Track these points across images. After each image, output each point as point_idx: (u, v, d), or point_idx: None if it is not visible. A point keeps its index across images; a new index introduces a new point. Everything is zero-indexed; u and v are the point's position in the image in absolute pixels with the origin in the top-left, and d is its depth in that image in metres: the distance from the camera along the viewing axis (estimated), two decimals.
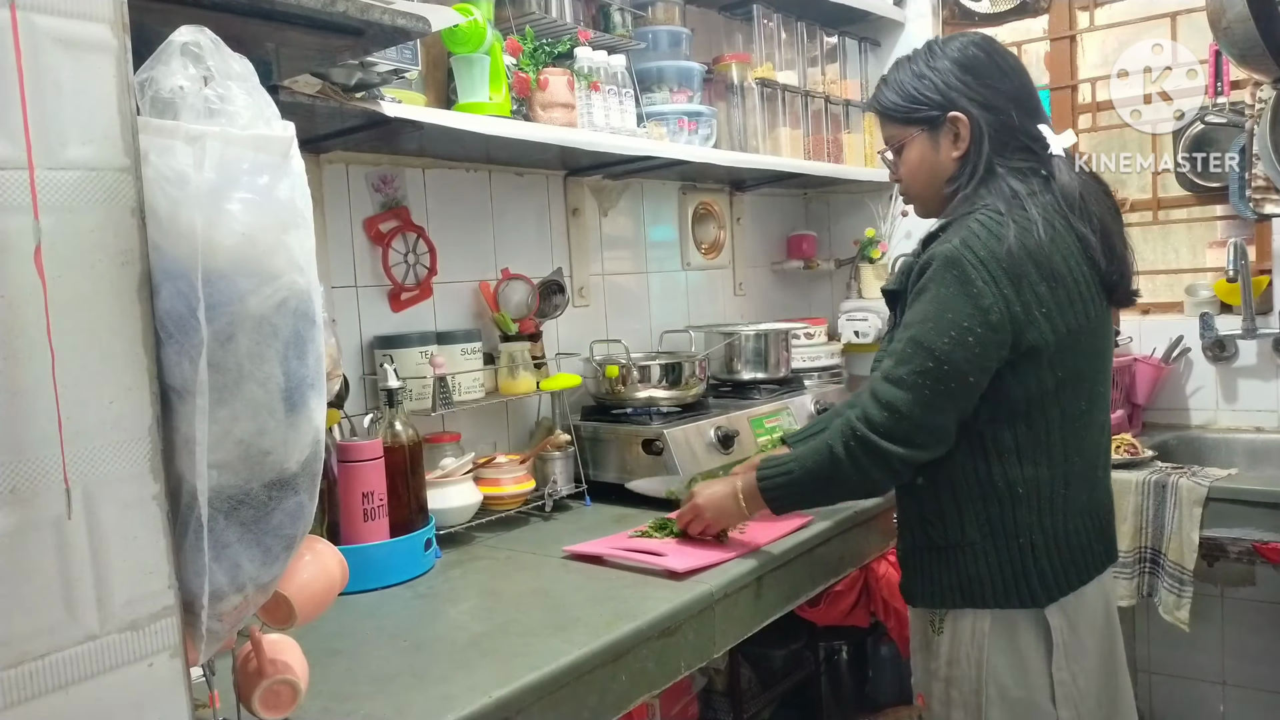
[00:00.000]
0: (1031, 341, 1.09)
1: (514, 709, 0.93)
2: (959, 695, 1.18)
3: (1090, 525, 1.19)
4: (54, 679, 0.58)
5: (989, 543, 1.15)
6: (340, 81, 1.19)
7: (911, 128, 1.21)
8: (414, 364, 1.51)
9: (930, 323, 1.09)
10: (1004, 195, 1.13)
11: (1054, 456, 1.14)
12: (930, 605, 1.21)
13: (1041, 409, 1.12)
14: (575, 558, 1.37)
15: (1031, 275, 1.09)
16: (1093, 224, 1.14)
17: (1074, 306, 1.12)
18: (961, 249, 1.09)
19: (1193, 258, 2.27)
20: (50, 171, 0.57)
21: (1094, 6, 2.27)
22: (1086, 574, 1.17)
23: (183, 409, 0.63)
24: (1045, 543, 1.14)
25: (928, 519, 1.19)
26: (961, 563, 1.16)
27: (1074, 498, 1.16)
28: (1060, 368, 1.12)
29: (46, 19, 0.57)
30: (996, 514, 1.14)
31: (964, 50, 1.18)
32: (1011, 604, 1.14)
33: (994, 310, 1.07)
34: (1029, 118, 1.18)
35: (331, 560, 0.85)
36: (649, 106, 1.81)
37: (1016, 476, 1.13)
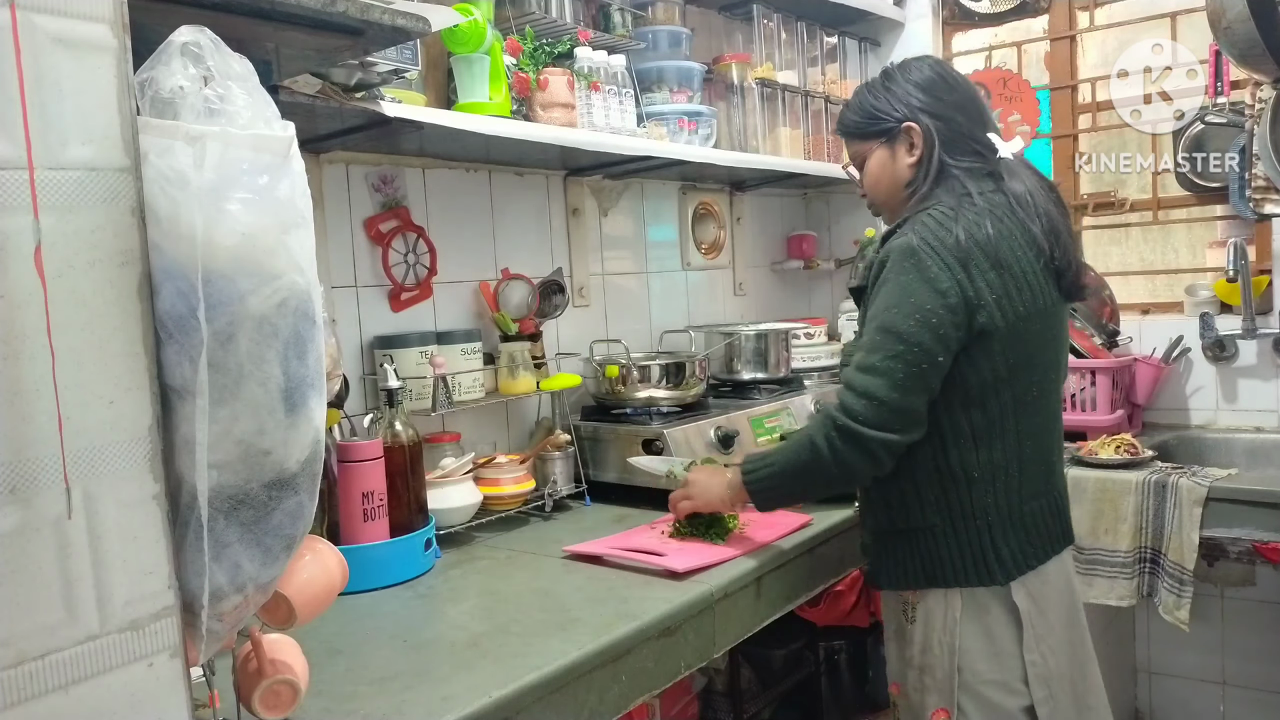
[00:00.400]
0: (982, 324, 1.14)
1: (514, 709, 0.93)
2: (932, 681, 1.22)
3: (1046, 507, 1.24)
4: (54, 679, 0.58)
5: (949, 525, 1.19)
6: (340, 81, 1.19)
7: (871, 141, 1.30)
8: (414, 364, 1.51)
9: (894, 309, 1.15)
10: (955, 193, 1.21)
11: (1007, 441, 1.19)
12: (896, 587, 1.25)
13: (995, 394, 1.17)
14: (575, 557, 1.37)
15: (981, 263, 1.15)
16: (1041, 221, 1.21)
17: (1022, 294, 1.17)
18: (915, 240, 1.16)
19: (1193, 258, 2.27)
20: (50, 171, 0.58)
21: (1094, 6, 2.27)
22: (1045, 553, 1.22)
23: (183, 409, 0.64)
24: (1002, 523, 1.19)
25: (890, 504, 1.24)
26: (924, 545, 1.21)
27: (1028, 481, 1.21)
28: (1011, 353, 1.17)
29: (46, 19, 0.57)
30: (955, 497, 1.19)
31: (919, 70, 1.29)
32: (973, 582, 1.19)
33: (951, 293, 1.13)
34: (977, 125, 1.27)
35: (331, 560, 0.85)
36: (649, 106, 1.81)
37: (971, 460, 1.18)
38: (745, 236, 2.43)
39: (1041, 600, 1.21)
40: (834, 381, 2.21)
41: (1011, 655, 1.19)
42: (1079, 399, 2.01)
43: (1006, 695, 1.19)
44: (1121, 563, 1.65)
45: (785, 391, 2.01)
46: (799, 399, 1.95)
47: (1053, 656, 1.21)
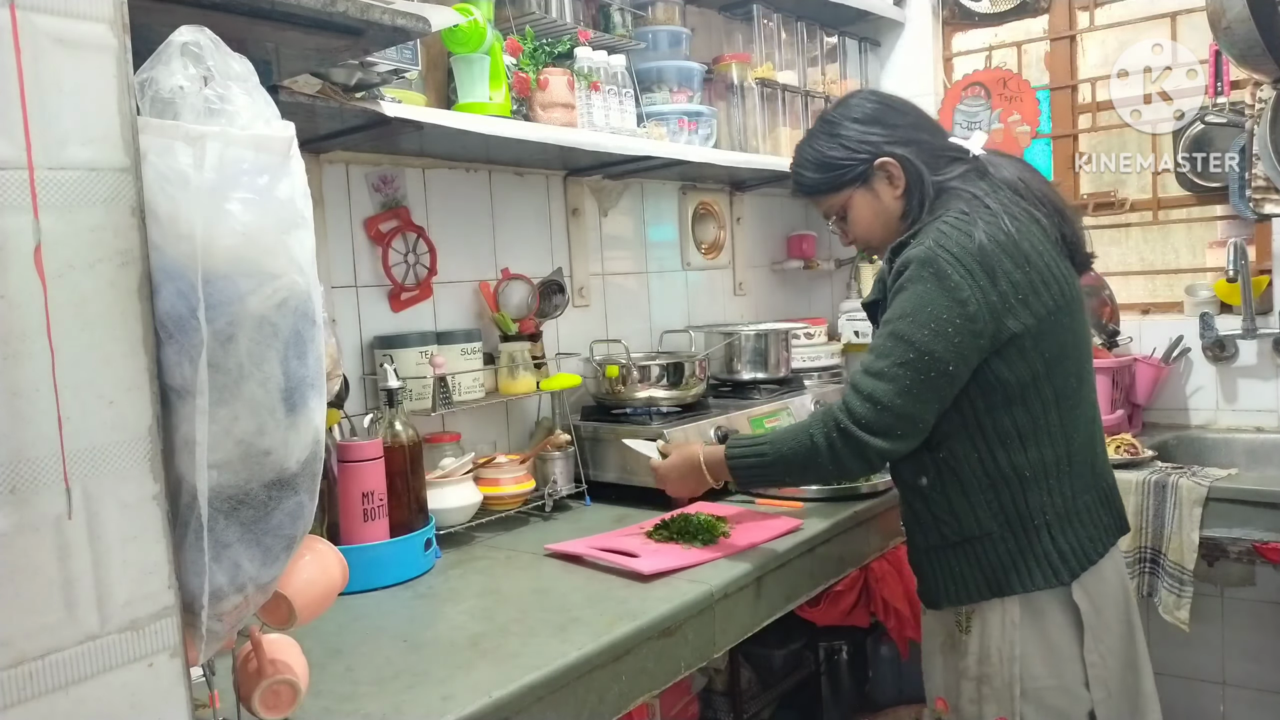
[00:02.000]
0: (1013, 329, 1.13)
1: (514, 709, 0.93)
2: (991, 691, 1.18)
3: (1097, 499, 1.22)
4: (54, 679, 0.58)
5: (1005, 529, 1.16)
6: (340, 81, 1.19)
7: (845, 191, 1.28)
8: (414, 364, 1.51)
9: (909, 317, 1.13)
10: (964, 198, 1.19)
11: (1054, 436, 1.17)
12: (957, 603, 1.20)
13: (1036, 391, 1.15)
14: (555, 556, 1.37)
15: (1005, 264, 1.13)
16: (1043, 204, 1.21)
17: (1049, 288, 1.16)
18: (935, 248, 1.13)
19: (1193, 258, 2.27)
20: (50, 171, 0.57)
21: (1094, 6, 2.27)
22: (1102, 546, 1.20)
23: (183, 409, 0.63)
24: (1060, 521, 1.16)
25: (940, 517, 1.20)
26: (982, 554, 1.17)
27: (1078, 474, 1.19)
28: (1047, 349, 1.15)
29: (47, 19, 0.57)
30: (1008, 500, 1.16)
31: (859, 107, 1.27)
32: (1037, 585, 1.15)
33: (971, 302, 1.11)
34: (939, 136, 1.28)
35: (331, 560, 0.85)
36: (649, 106, 1.81)
37: (1021, 460, 1.15)
38: (745, 236, 2.43)
39: (1099, 598, 1.18)
40: (834, 381, 2.21)
41: (1071, 659, 1.16)
42: None
43: (1068, 700, 1.17)
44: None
45: (785, 391, 2.01)
46: (799, 399, 1.95)
47: (1111, 656, 1.18)
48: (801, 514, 1.53)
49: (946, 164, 1.24)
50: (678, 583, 1.24)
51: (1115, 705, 1.19)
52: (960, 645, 1.21)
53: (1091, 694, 1.17)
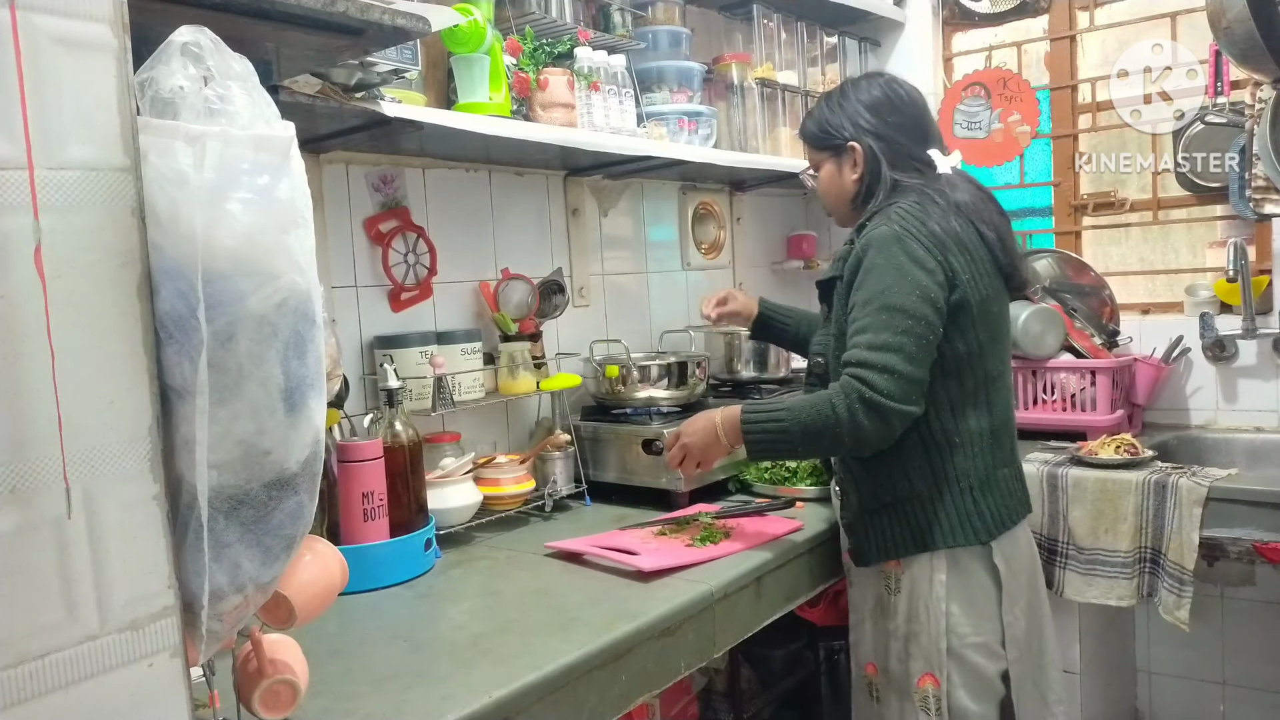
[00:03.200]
0: (958, 300, 1.24)
1: (514, 709, 0.93)
2: (918, 649, 1.28)
3: (1013, 474, 1.34)
4: (54, 679, 0.58)
5: (934, 490, 1.27)
6: (340, 81, 1.19)
7: (823, 153, 1.43)
8: (414, 364, 1.51)
9: (894, 288, 1.21)
10: (917, 192, 1.32)
11: (980, 410, 1.29)
12: (884, 558, 1.31)
13: (970, 368, 1.27)
14: (557, 555, 1.37)
15: (952, 246, 1.26)
16: (989, 225, 1.32)
17: (983, 279, 1.29)
18: (897, 228, 1.25)
19: (1192, 258, 2.26)
20: (50, 171, 0.57)
21: (1094, 6, 2.27)
22: (1015, 515, 1.33)
23: (183, 409, 0.63)
24: (982, 486, 1.28)
25: (877, 478, 1.30)
26: (911, 513, 1.28)
27: (1000, 449, 1.32)
28: (981, 330, 1.27)
29: (46, 19, 0.57)
30: (938, 463, 1.27)
31: (869, 91, 1.39)
32: (961, 542, 1.26)
33: (937, 272, 1.23)
34: (918, 144, 1.38)
35: (331, 560, 0.85)
36: (649, 106, 1.81)
37: (952, 427, 1.27)
38: (745, 236, 2.43)
39: (1014, 563, 1.30)
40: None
41: (991, 617, 1.28)
42: (1079, 399, 2.01)
43: (988, 659, 1.28)
44: (1121, 563, 1.65)
45: (785, 391, 2.00)
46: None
47: (1023, 618, 1.31)
48: (801, 514, 1.54)
49: (908, 170, 1.35)
50: (678, 583, 1.24)
51: (1024, 666, 1.31)
52: (889, 607, 1.31)
53: (1006, 653, 1.29)
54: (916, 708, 1.28)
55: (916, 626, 1.27)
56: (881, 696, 1.33)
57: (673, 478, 1.62)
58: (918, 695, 1.27)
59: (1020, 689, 1.30)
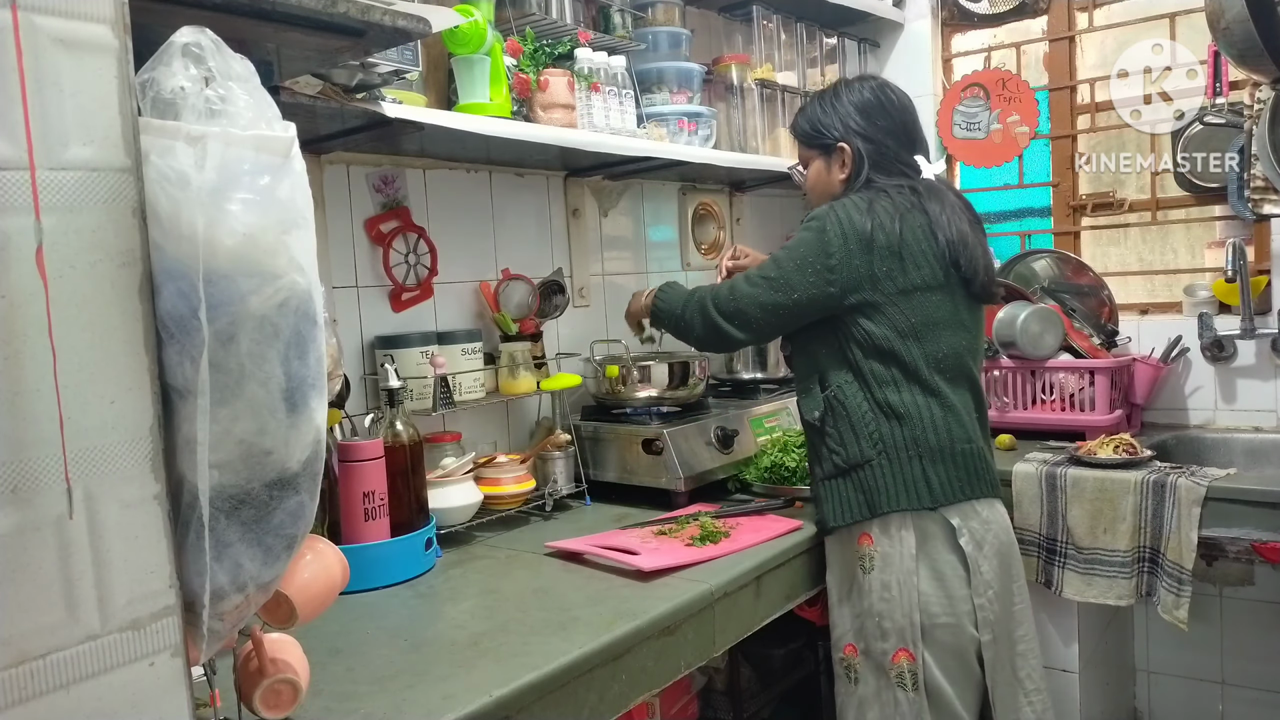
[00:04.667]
0: (866, 296, 1.35)
1: (514, 708, 0.94)
2: (892, 625, 1.33)
3: (975, 452, 1.38)
4: (55, 678, 0.58)
5: (883, 456, 1.35)
6: (341, 82, 1.19)
7: (813, 151, 1.49)
8: (415, 364, 1.51)
9: (788, 250, 1.40)
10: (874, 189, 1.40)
11: (928, 387, 1.36)
12: (841, 523, 1.38)
13: (905, 348, 1.35)
14: (557, 554, 1.38)
15: (880, 241, 1.34)
16: (950, 232, 1.38)
17: (919, 270, 1.35)
18: (829, 212, 1.38)
19: (1191, 258, 2.27)
20: (51, 172, 0.58)
21: (1093, 7, 2.27)
22: (975, 490, 1.36)
23: (184, 409, 0.64)
24: (932, 455, 1.34)
25: (833, 449, 1.39)
26: (862, 479, 1.36)
27: (956, 426, 1.37)
28: (911, 315, 1.35)
29: (48, 20, 0.57)
30: (886, 431, 1.35)
31: (860, 93, 1.45)
32: (904, 506, 1.33)
33: (834, 258, 1.35)
34: (905, 149, 1.45)
35: (332, 560, 0.86)
36: (649, 107, 1.82)
37: (895, 399, 1.35)
38: (745, 237, 2.43)
39: (983, 544, 1.35)
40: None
41: (962, 598, 1.33)
42: (1078, 399, 2.02)
43: (959, 637, 1.33)
44: (1120, 562, 1.65)
45: (785, 391, 2.01)
46: None
47: (996, 602, 1.35)
48: (801, 514, 1.54)
49: (892, 174, 1.42)
50: (678, 582, 1.24)
51: (1000, 650, 1.36)
52: (863, 586, 1.36)
53: (979, 634, 1.34)
54: (893, 683, 1.33)
55: (890, 604, 1.33)
56: (860, 677, 1.38)
57: (673, 477, 1.62)
58: (893, 671, 1.32)
59: (995, 671, 1.35)
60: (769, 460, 1.71)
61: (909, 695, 1.32)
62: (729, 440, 1.72)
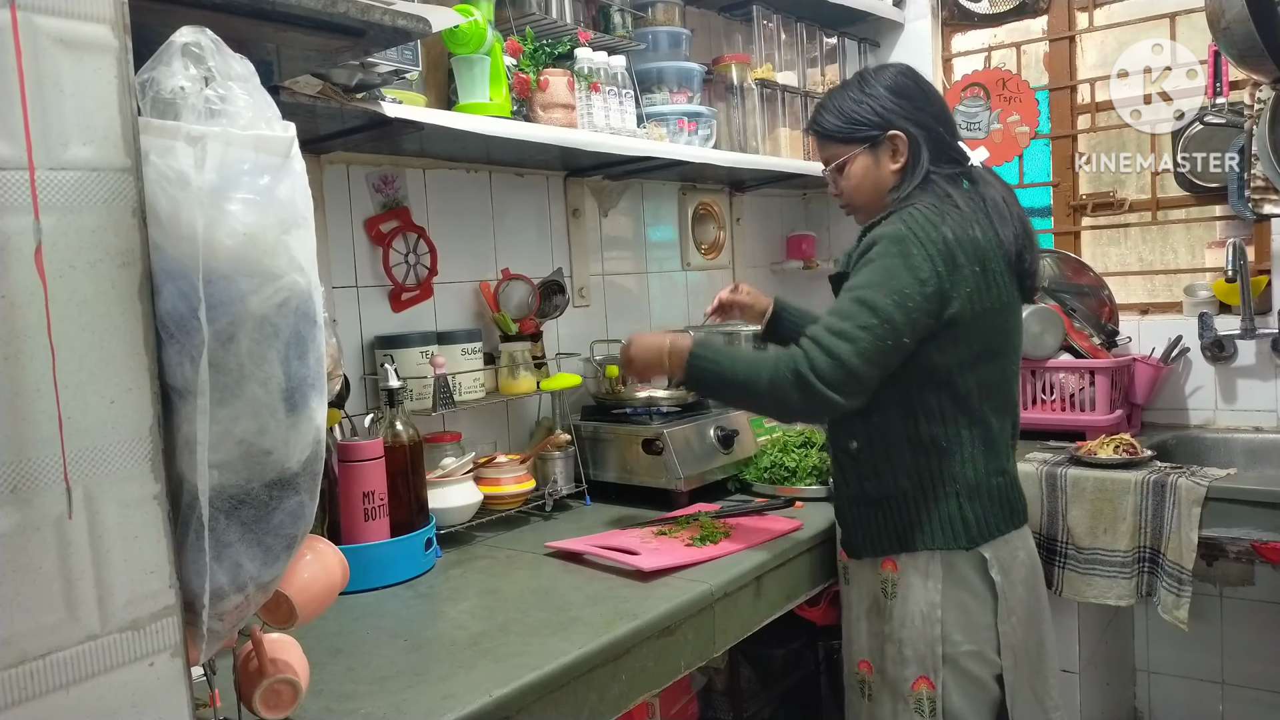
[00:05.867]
0: (952, 315, 1.22)
1: (514, 708, 0.94)
2: (913, 653, 1.28)
3: (1006, 483, 1.31)
4: (55, 678, 0.58)
5: (920, 491, 1.27)
6: (341, 82, 1.19)
7: (853, 146, 1.34)
8: (414, 364, 1.51)
9: (875, 286, 1.20)
10: (939, 195, 1.27)
11: (973, 419, 1.27)
12: (872, 553, 1.31)
13: (962, 377, 1.25)
14: (557, 554, 1.37)
15: (963, 260, 1.22)
16: (1014, 225, 1.28)
17: (991, 291, 1.25)
18: (905, 229, 1.22)
19: (1191, 258, 2.27)
20: (51, 172, 0.58)
21: (1093, 7, 2.27)
22: (1007, 524, 1.30)
23: (184, 409, 0.64)
24: (969, 491, 1.26)
25: (864, 474, 1.30)
26: (896, 510, 1.28)
27: (993, 458, 1.29)
28: (975, 341, 1.25)
29: (47, 19, 0.57)
30: (924, 465, 1.26)
31: (895, 78, 1.33)
32: (941, 545, 1.26)
33: (930, 283, 1.20)
34: (951, 134, 1.34)
35: (332, 560, 0.85)
36: (649, 107, 1.81)
37: (940, 433, 1.26)
38: (745, 237, 2.43)
39: (1011, 573, 1.28)
40: None
41: (986, 627, 1.27)
42: (1078, 399, 2.01)
43: (981, 665, 1.27)
44: (1120, 562, 1.65)
45: None
46: None
47: (1020, 626, 1.29)
48: (801, 514, 1.54)
49: (947, 161, 1.32)
50: (678, 582, 1.24)
51: (1020, 673, 1.29)
52: (885, 610, 1.30)
53: (1001, 660, 1.27)
54: (911, 709, 1.29)
55: (911, 632, 1.27)
56: (874, 695, 1.34)
57: (673, 476, 1.62)
58: (912, 698, 1.28)
59: (1016, 693, 1.30)
60: (769, 460, 1.71)
61: None
62: (729, 440, 1.72)
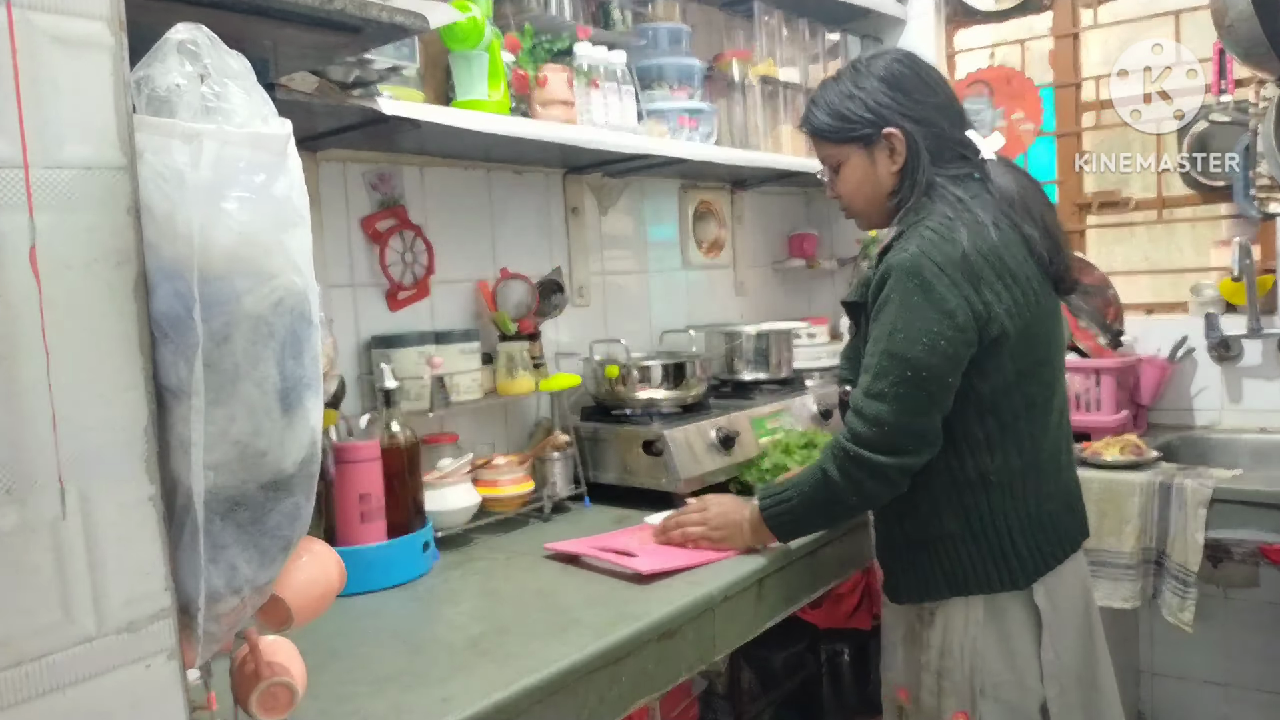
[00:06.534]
0: (994, 336, 1.13)
1: (513, 712, 0.93)
2: (950, 685, 1.20)
3: (1061, 506, 1.23)
4: (50, 680, 0.58)
5: (967, 531, 1.18)
6: (338, 79, 1.18)
7: (846, 146, 1.24)
8: (411, 364, 1.51)
9: (901, 333, 1.12)
10: (950, 202, 1.17)
11: (1022, 444, 1.18)
12: (917, 600, 1.23)
13: (1008, 400, 1.16)
14: (555, 556, 1.37)
15: (988, 274, 1.13)
16: (1035, 220, 1.19)
17: (1028, 299, 1.16)
18: (919, 257, 1.12)
19: (1197, 257, 2.26)
20: (46, 170, 0.57)
21: (1097, 4, 2.26)
22: (1062, 552, 1.21)
23: (178, 409, 0.63)
24: (1021, 526, 1.18)
25: (905, 515, 1.22)
26: (944, 554, 1.19)
27: (1044, 482, 1.21)
28: (1020, 359, 1.16)
29: (43, 16, 0.57)
30: (971, 503, 1.18)
31: (889, 68, 1.21)
32: (995, 588, 1.17)
33: (959, 312, 1.11)
34: (957, 126, 1.22)
35: (329, 562, 0.85)
36: (649, 104, 1.81)
37: (987, 466, 1.17)
38: (746, 235, 2.42)
39: (1058, 599, 1.20)
40: (835, 382, 2.20)
41: (1028, 656, 1.19)
42: (1084, 399, 2.01)
43: (1023, 694, 1.19)
44: (1125, 564, 1.64)
45: (786, 392, 2.00)
46: (800, 399, 1.94)
47: (1066, 654, 1.20)
48: None
49: (952, 158, 1.21)
50: (678, 585, 1.23)
51: (1069, 699, 1.20)
52: (921, 639, 1.23)
53: (1045, 689, 1.18)
54: None
55: (950, 663, 1.20)
56: None
57: (673, 478, 1.61)
58: None
59: None
60: (770, 462, 1.70)
61: None
62: (730, 442, 1.71)
